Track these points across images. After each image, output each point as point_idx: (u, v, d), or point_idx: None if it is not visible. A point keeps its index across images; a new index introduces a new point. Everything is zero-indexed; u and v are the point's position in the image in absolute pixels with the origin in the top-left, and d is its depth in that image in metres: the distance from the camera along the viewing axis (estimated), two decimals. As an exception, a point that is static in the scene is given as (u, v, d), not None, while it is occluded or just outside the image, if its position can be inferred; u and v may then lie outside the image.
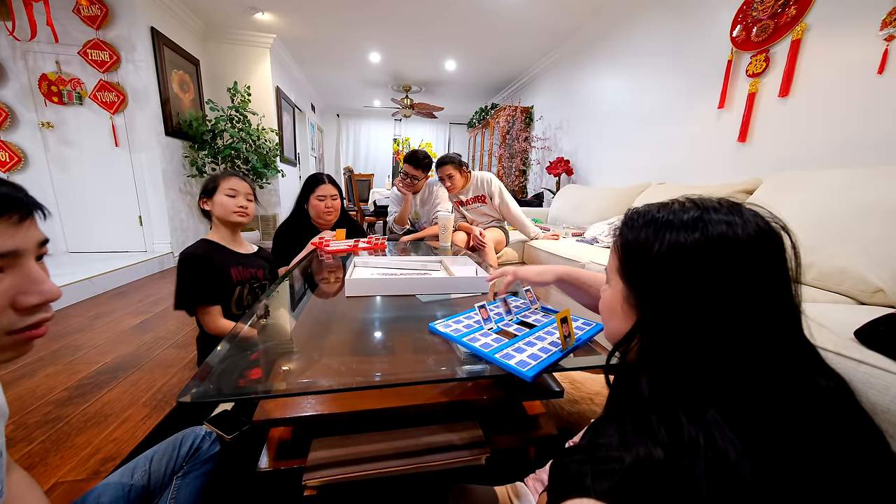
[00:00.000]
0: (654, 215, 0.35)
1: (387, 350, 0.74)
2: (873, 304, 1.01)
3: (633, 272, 0.36)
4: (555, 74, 3.92)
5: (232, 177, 1.20)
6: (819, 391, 0.30)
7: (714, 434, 0.26)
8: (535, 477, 0.70)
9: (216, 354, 0.61)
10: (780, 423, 0.27)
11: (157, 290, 2.36)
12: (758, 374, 0.29)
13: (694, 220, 0.32)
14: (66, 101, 2.61)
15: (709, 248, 0.31)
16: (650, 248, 0.33)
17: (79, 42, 2.55)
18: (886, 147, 1.34)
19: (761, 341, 0.30)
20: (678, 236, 0.32)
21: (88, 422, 1.06)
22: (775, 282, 0.31)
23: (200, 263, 1.09)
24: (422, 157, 2.08)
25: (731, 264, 0.30)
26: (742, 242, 0.30)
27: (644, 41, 2.59)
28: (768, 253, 0.31)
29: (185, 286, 1.08)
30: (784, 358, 0.30)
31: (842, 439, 0.27)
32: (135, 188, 2.89)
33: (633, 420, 0.31)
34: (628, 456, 0.27)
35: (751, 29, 1.78)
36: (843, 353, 0.68)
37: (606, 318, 0.42)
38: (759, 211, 0.33)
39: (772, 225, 0.32)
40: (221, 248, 1.20)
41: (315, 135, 6.28)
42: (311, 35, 3.67)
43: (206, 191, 1.18)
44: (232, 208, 1.17)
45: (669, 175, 2.35)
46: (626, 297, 0.37)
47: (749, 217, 0.32)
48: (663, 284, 0.33)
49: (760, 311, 0.30)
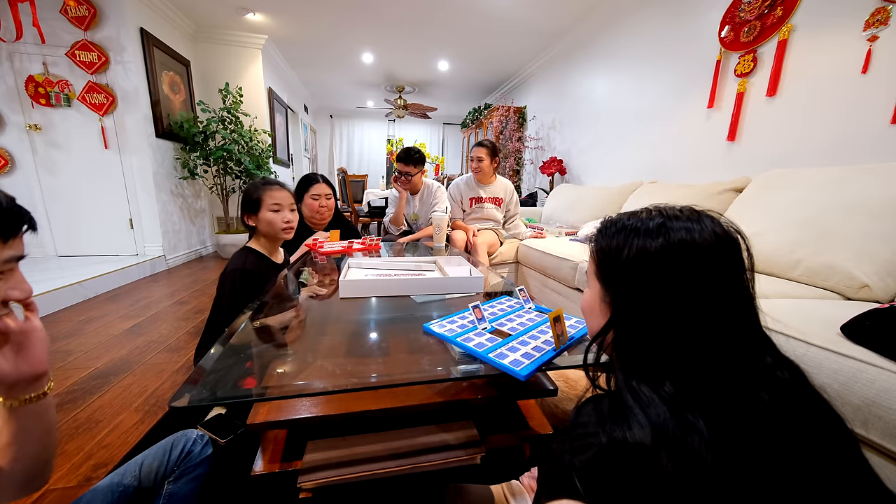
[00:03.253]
0: (624, 223, 0.40)
1: (381, 351, 0.74)
2: (859, 299, 1.03)
3: (606, 274, 0.40)
4: (547, 75, 3.95)
5: (273, 189, 1.16)
6: (770, 373, 0.33)
7: (682, 418, 0.29)
8: (530, 475, 0.70)
9: (209, 358, 0.61)
10: (738, 403, 0.30)
11: (149, 294, 2.33)
12: (716, 361, 0.33)
13: (658, 226, 0.36)
14: (53, 102, 2.57)
15: (671, 252, 0.35)
16: (621, 252, 0.38)
17: (66, 43, 2.51)
18: (871, 145, 1.37)
19: (719, 331, 0.34)
20: (644, 242, 0.36)
21: (79, 428, 1.05)
22: (731, 279, 0.35)
23: (253, 279, 1.07)
24: (413, 152, 2.11)
25: (691, 265, 0.34)
26: (700, 246, 0.34)
27: (635, 41, 2.61)
28: (724, 255, 0.35)
29: (234, 301, 1.04)
30: (739, 344, 0.34)
31: (796, 415, 0.30)
32: (125, 191, 2.85)
33: (609, 401, 0.35)
34: (604, 435, 0.31)
35: (739, 29, 1.81)
36: (830, 347, 0.69)
37: (587, 317, 0.45)
38: (717, 217, 0.37)
39: (728, 230, 0.36)
40: (266, 259, 1.18)
41: (308, 136, 6.25)
42: (303, 36, 3.65)
43: (251, 205, 1.15)
44: (280, 225, 1.14)
45: (661, 174, 2.37)
46: (603, 296, 0.41)
47: (707, 223, 0.36)
48: (632, 284, 0.37)
49: (717, 305, 0.34)
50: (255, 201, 1.14)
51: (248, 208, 1.15)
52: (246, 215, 1.16)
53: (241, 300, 1.04)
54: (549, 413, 0.96)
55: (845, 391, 0.64)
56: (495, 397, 0.71)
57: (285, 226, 1.15)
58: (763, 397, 0.30)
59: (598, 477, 0.29)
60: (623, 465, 0.29)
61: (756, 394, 0.30)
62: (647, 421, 0.30)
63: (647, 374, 0.34)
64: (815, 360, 0.69)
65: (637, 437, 0.29)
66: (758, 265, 1.40)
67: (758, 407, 0.29)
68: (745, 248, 0.36)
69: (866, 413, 0.62)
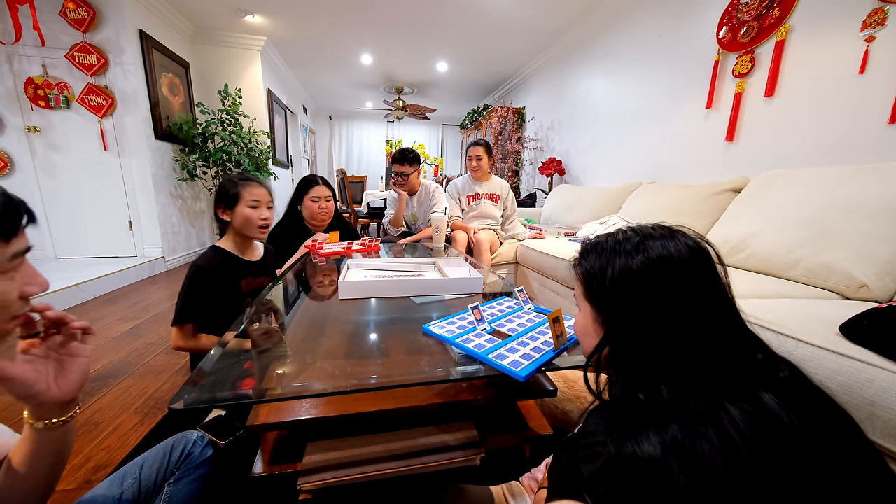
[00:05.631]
0: (604, 245, 0.42)
1: (381, 352, 0.74)
2: (858, 299, 1.04)
3: (595, 295, 0.42)
4: (546, 75, 3.95)
5: (252, 185, 1.13)
6: (769, 372, 0.34)
7: (690, 426, 0.29)
8: (530, 476, 0.70)
9: (209, 359, 0.61)
10: (741, 404, 0.30)
11: (148, 296, 2.33)
12: (710, 360, 0.34)
13: (636, 245, 0.39)
14: (52, 105, 2.57)
15: (651, 268, 0.37)
16: (605, 272, 0.40)
17: (65, 45, 2.51)
18: (869, 145, 1.38)
19: (706, 332, 0.36)
20: (626, 261, 0.39)
21: (79, 430, 1.04)
22: (709, 286, 0.38)
23: (210, 277, 1.05)
24: (408, 152, 2.12)
25: (671, 277, 0.37)
26: (676, 259, 0.37)
27: (633, 42, 2.62)
28: (699, 265, 0.38)
29: (191, 301, 1.02)
30: (728, 342, 0.36)
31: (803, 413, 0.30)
32: (124, 193, 2.85)
33: (614, 410, 0.37)
34: (612, 444, 0.31)
35: (737, 30, 1.82)
36: (829, 347, 0.69)
37: (582, 339, 0.47)
38: (688, 232, 0.41)
39: (699, 242, 0.39)
40: (233, 258, 1.14)
41: (307, 137, 6.25)
42: (302, 37, 3.65)
43: (227, 200, 1.11)
44: (256, 222, 1.12)
45: (660, 174, 2.38)
46: (595, 317, 0.42)
47: (680, 238, 0.39)
48: (620, 300, 0.39)
49: (701, 309, 0.36)
50: (234, 196, 1.10)
51: (224, 202, 1.11)
52: (220, 209, 1.12)
53: (196, 298, 1.03)
54: (548, 413, 0.96)
55: (843, 391, 0.64)
56: (495, 398, 0.71)
57: (262, 223, 1.13)
58: (765, 396, 0.30)
59: (608, 489, 0.30)
60: (633, 479, 0.29)
61: (757, 393, 0.30)
62: (656, 433, 0.30)
63: (647, 383, 0.35)
64: (814, 360, 0.69)
65: (646, 451, 0.29)
66: (756, 265, 1.40)
67: (762, 407, 0.29)
68: (714, 256, 0.39)
69: (865, 413, 0.62)
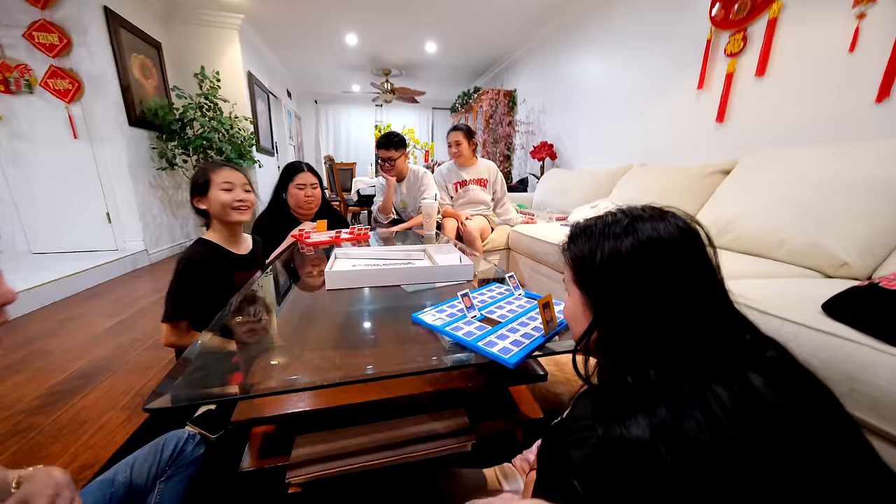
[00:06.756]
0: (593, 229, 0.41)
1: (371, 342, 0.73)
2: (839, 276, 1.06)
3: (584, 279, 0.41)
4: (537, 57, 3.86)
5: (223, 168, 1.07)
6: (756, 352, 0.34)
7: (677, 407, 0.29)
8: (522, 457, 0.71)
9: (191, 353, 0.59)
10: (728, 384, 0.30)
11: (132, 290, 2.26)
12: (699, 342, 0.35)
13: (626, 227, 0.38)
14: (13, 89, 2.41)
15: (641, 249, 0.37)
16: (594, 256, 0.39)
17: (23, 24, 2.32)
18: (857, 125, 1.38)
19: (696, 313, 0.36)
20: (616, 243, 0.38)
21: (63, 430, 1.02)
22: (699, 266, 0.37)
23: (201, 270, 1.00)
24: (392, 136, 2.06)
25: (662, 259, 0.36)
26: (666, 241, 0.37)
27: (625, 22, 2.56)
28: (689, 246, 0.37)
29: (184, 296, 0.98)
30: (717, 323, 0.36)
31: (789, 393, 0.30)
32: (100, 183, 2.72)
33: (602, 394, 0.37)
34: (600, 428, 0.31)
35: (729, 7, 1.78)
36: (812, 325, 0.71)
37: (572, 324, 0.46)
38: (678, 213, 0.40)
39: (689, 223, 0.39)
40: (222, 250, 1.09)
41: (293, 122, 6.04)
42: (283, 15, 3.47)
43: (198, 187, 1.06)
44: (230, 203, 1.06)
45: (652, 156, 2.37)
46: (584, 301, 0.42)
47: (670, 219, 0.38)
48: (610, 283, 0.38)
49: (691, 290, 0.36)
50: (204, 183, 1.05)
51: (197, 191, 1.06)
52: (196, 198, 1.07)
53: (189, 293, 0.99)
54: (539, 397, 0.97)
55: (825, 367, 0.66)
56: (486, 385, 0.71)
57: (238, 204, 1.07)
58: (752, 377, 0.30)
59: (596, 473, 0.30)
60: (621, 462, 0.29)
61: (744, 374, 0.30)
62: (644, 415, 0.30)
63: (635, 367, 0.35)
64: (798, 338, 0.71)
65: (634, 434, 0.29)
66: (743, 246, 1.41)
67: (749, 387, 0.29)
68: (704, 237, 0.38)
69: (845, 388, 0.64)
